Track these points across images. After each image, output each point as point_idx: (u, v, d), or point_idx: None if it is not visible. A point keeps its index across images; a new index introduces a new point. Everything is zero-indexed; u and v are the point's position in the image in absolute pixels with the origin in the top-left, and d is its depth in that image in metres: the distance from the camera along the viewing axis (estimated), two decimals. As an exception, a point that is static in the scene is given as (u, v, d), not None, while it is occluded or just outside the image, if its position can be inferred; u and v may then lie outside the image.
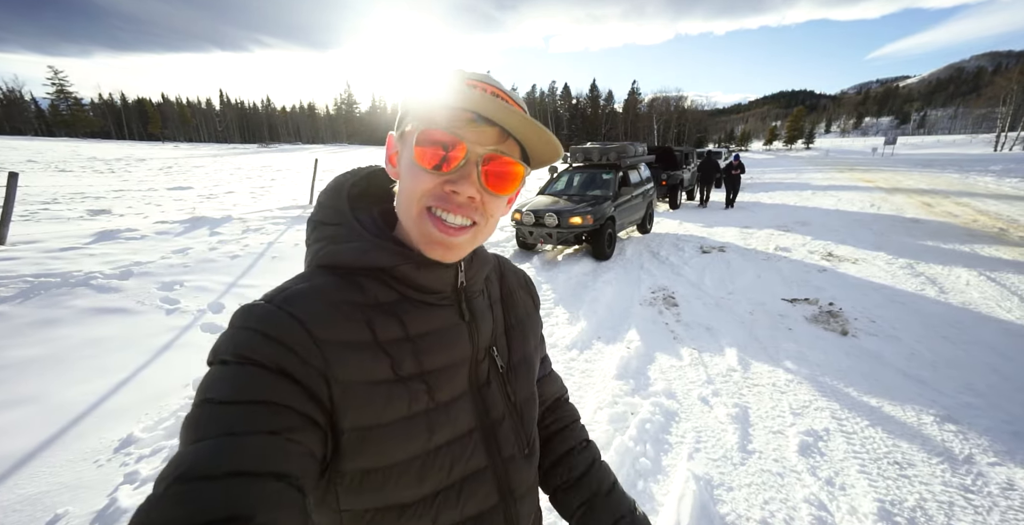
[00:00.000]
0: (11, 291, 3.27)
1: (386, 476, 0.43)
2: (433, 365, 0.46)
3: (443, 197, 0.43)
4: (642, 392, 2.53)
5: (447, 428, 0.46)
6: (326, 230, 0.49)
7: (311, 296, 0.43)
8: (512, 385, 0.54)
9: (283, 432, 0.35)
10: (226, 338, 0.40)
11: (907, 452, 1.95)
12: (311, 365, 0.39)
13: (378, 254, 0.46)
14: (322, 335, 0.41)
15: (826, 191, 12.51)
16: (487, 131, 0.43)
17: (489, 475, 0.49)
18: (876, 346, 3.00)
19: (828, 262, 5.13)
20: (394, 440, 0.42)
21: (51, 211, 7.13)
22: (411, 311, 0.47)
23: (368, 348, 0.43)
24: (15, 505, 1.67)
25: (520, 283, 0.65)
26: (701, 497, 1.71)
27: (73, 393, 2.35)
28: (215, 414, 0.35)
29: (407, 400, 0.44)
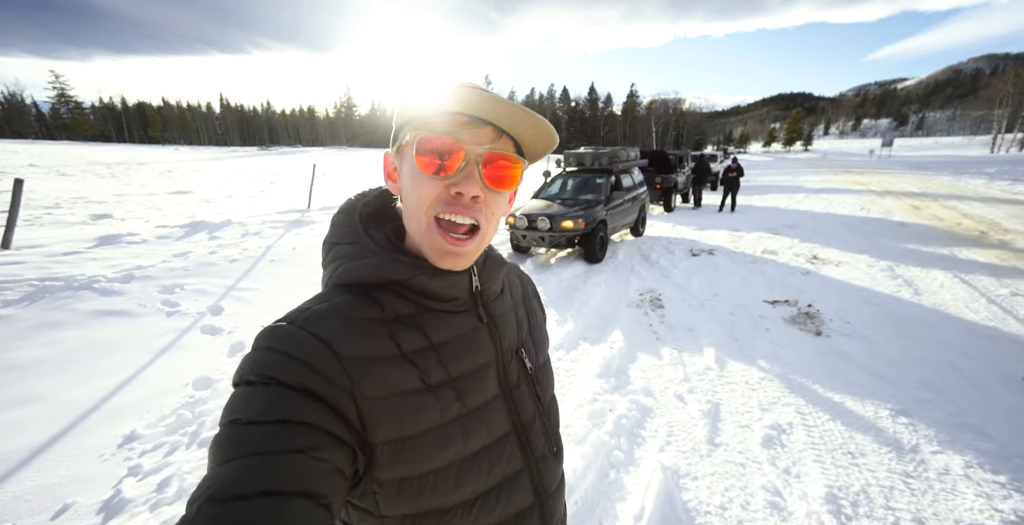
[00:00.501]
0: (16, 294, 3.38)
1: (423, 483, 0.43)
2: (459, 371, 0.47)
3: (449, 201, 0.45)
4: (621, 390, 2.65)
5: (482, 432, 0.47)
6: (341, 250, 0.50)
7: (332, 315, 0.44)
8: (540, 386, 0.56)
9: (309, 450, 0.36)
10: (250, 359, 0.41)
11: (861, 443, 2.08)
12: (336, 383, 0.40)
13: (393, 268, 0.47)
14: (345, 353, 0.41)
15: (819, 194, 12.66)
16: (482, 131, 0.45)
17: (525, 476, 0.50)
18: (847, 346, 3.13)
19: (812, 265, 5.26)
20: (429, 449, 0.43)
21: (54, 216, 7.27)
22: (431, 321, 0.48)
23: (394, 361, 0.44)
24: (26, 495, 1.79)
25: (534, 292, 0.67)
26: (667, 485, 1.83)
27: (78, 392, 2.46)
28: (242, 434, 0.36)
29: (439, 408, 0.44)
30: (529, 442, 0.51)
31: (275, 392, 0.38)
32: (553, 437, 0.56)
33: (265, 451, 0.34)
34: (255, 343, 0.43)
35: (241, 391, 0.39)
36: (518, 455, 0.50)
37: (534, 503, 0.51)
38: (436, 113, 0.45)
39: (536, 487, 0.51)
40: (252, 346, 0.43)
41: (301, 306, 0.45)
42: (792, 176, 20.43)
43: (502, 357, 0.52)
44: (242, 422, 0.36)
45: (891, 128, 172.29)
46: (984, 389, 2.52)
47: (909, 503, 1.71)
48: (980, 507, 1.69)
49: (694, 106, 73.06)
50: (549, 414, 0.57)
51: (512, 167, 0.47)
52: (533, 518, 0.51)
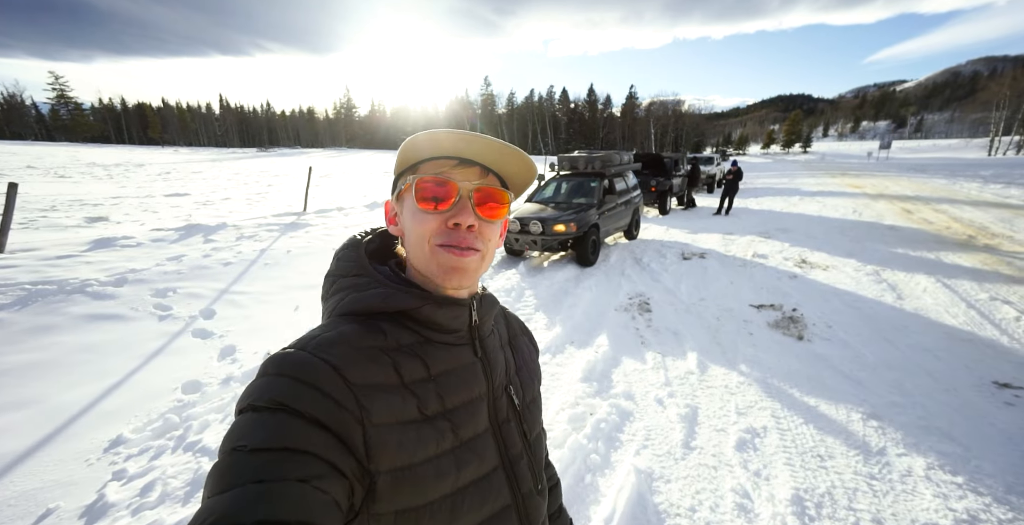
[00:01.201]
0: (9, 298, 3.42)
1: (419, 516, 0.43)
2: (454, 403, 0.49)
3: (447, 233, 0.50)
4: (603, 394, 2.70)
5: (473, 465, 0.48)
6: (347, 282, 0.52)
7: (341, 342, 0.45)
8: (527, 423, 0.58)
9: (312, 480, 0.36)
10: (260, 386, 0.41)
11: (831, 446, 2.13)
12: (346, 410, 0.41)
13: (402, 297, 0.49)
14: (355, 379, 0.43)
15: (814, 197, 12.73)
16: (470, 170, 0.52)
17: (513, 512, 0.51)
18: (826, 350, 3.18)
19: (800, 269, 5.31)
20: (426, 479, 0.44)
21: (49, 219, 7.30)
22: (431, 352, 0.50)
23: (396, 390, 0.45)
24: (10, 500, 1.82)
25: (521, 328, 0.69)
26: (639, 488, 1.88)
27: (67, 397, 2.49)
28: (245, 462, 0.36)
29: (435, 439, 0.46)
30: (516, 478, 0.53)
31: (282, 419, 0.38)
32: (538, 474, 0.58)
33: (267, 478, 0.34)
34: (264, 369, 0.43)
35: (247, 418, 0.39)
36: (506, 490, 0.51)
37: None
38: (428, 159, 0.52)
39: (523, 523, 0.53)
40: (260, 372, 0.43)
41: (309, 333, 0.47)
42: (789, 178, 20.51)
43: (493, 392, 0.54)
44: (246, 449, 0.36)
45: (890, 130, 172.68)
46: (954, 393, 2.57)
47: (870, 504, 1.76)
48: (936, 507, 1.74)
49: (693, 108, 73.32)
50: (535, 451, 0.58)
51: (500, 198, 0.53)
52: None
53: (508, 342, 0.63)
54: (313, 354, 0.43)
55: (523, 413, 0.58)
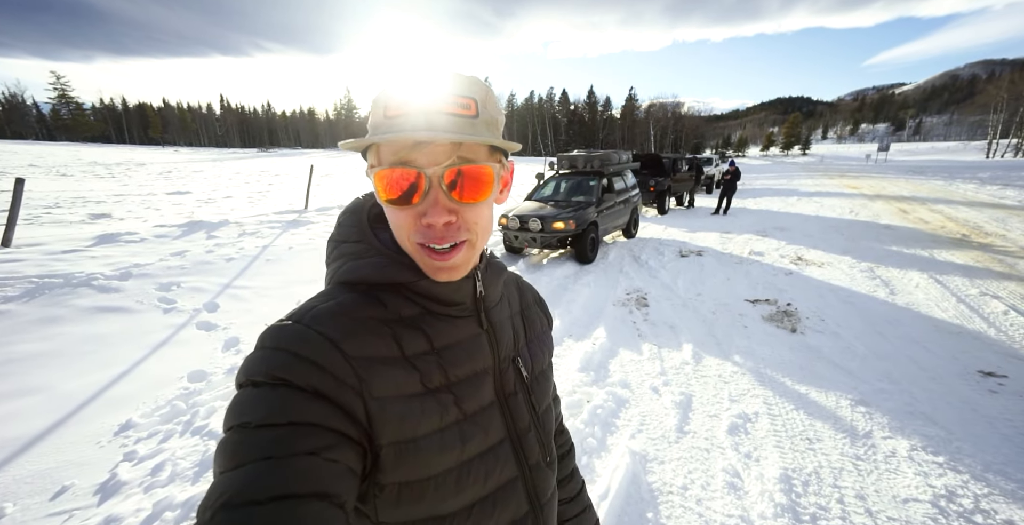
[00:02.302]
0: (17, 291, 3.48)
1: (424, 488, 0.43)
2: (458, 376, 0.47)
3: (423, 232, 0.43)
4: (600, 383, 2.77)
5: (479, 438, 0.47)
6: (346, 248, 0.50)
7: (339, 313, 0.43)
8: (535, 395, 0.55)
9: (322, 451, 0.36)
10: (257, 359, 0.40)
11: (819, 430, 2.20)
12: (345, 383, 0.40)
13: (397, 270, 0.46)
14: (353, 352, 0.41)
15: (811, 197, 12.82)
16: (435, 149, 0.41)
17: (520, 484, 0.50)
18: (818, 342, 3.26)
19: (796, 266, 5.39)
20: (429, 453, 0.43)
21: (53, 215, 7.36)
22: (434, 324, 0.47)
23: (397, 362, 0.43)
24: (27, 478, 1.88)
25: (536, 299, 0.66)
26: (634, 469, 1.94)
27: (76, 384, 2.56)
28: (252, 438, 0.35)
29: (439, 412, 0.44)
30: (524, 450, 0.51)
31: (284, 394, 0.37)
32: (547, 446, 0.56)
33: (276, 454, 0.34)
34: (260, 342, 0.42)
35: (248, 393, 0.38)
36: (512, 463, 0.50)
37: (528, 512, 0.51)
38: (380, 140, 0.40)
39: (531, 496, 0.51)
40: (257, 345, 0.42)
41: (306, 304, 0.45)
42: (787, 180, 20.63)
43: (499, 364, 0.52)
44: (251, 426, 0.36)
45: (888, 133, 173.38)
46: (940, 381, 2.64)
47: (855, 482, 1.83)
48: (917, 484, 1.82)
49: (693, 110, 73.63)
50: (544, 423, 0.56)
51: (481, 175, 0.43)
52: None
53: (520, 312, 0.60)
54: (309, 327, 0.41)
55: (531, 385, 0.55)
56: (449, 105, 0.41)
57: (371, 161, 0.45)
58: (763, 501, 1.75)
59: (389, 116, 0.42)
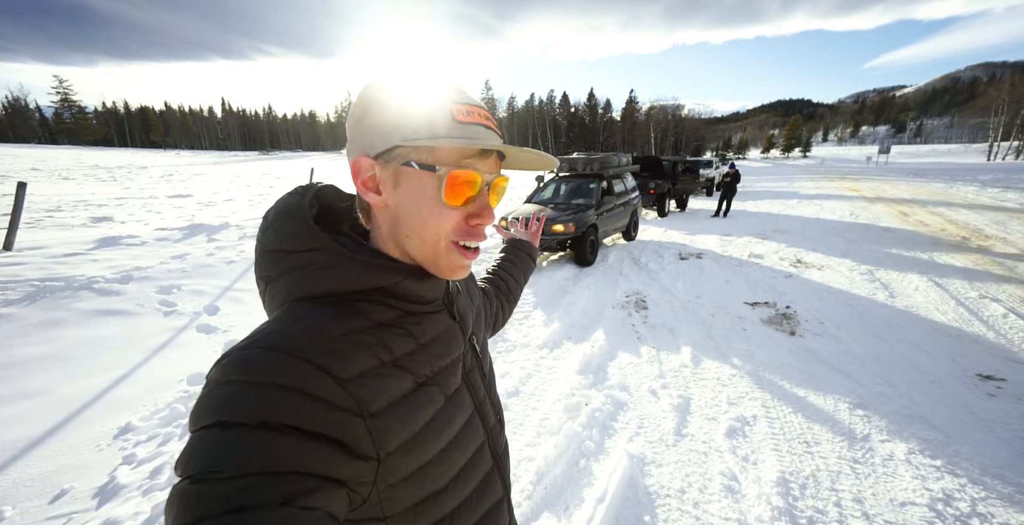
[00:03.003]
0: (18, 294, 3.49)
1: (424, 473, 0.44)
2: (440, 366, 0.49)
3: (468, 230, 0.47)
4: (599, 385, 2.77)
5: (460, 414, 0.50)
6: (299, 259, 0.45)
7: (316, 334, 0.39)
8: (485, 365, 0.60)
9: (298, 499, 0.32)
10: (228, 396, 0.35)
11: (817, 433, 2.20)
12: (340, 409, 0.37)
13: (377, 274, 0.45)
14: (344, 374, 0.38)
15: (812, 200, 12.83)
16: (492, 159, 0.47)
17: (486, 445, 0.55)
18: (817, 345, 3.26)
19: (796, 268, 5.39)
20: (428, 441, 0.45)
21: (55, 218, 7.39)
22: (415, 323, 0.48)
23: (389, 370, 0.43)
24: (26, 481, 1.89)
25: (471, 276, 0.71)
26: (631, 471, 1.95)
27: (76, 387, 2.56)
28: (219, 490, 0.31)
29: (430, 403, 0.46)
30: (483, 416, 0.56)
31: (262, 438, 0.33)
32: (497, 406, 0.61)
33: (245, 507, 0.30)
34: (225, 375, 0.36)
35: (212, 436, 0.33)
36: (480, 429, 0.54)
37: (493, 466, 0.56)
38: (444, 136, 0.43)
39: (493, 452, 0.57)
40: (220, 378, 0.36)
41: (272, 327, 0.40)
42: (788, 182, 20.65)
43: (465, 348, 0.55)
44: (220, 476, 0.31)
45: (889, 135, 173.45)
46: (939, 384, 2.64)
47: (852, 485, 1.84)
48: (914, 487, 1.82)
49: (693, 112, 73.84)
50: (492, 387, 0.62)
51: (505, 186, 0.51)
52: (495, 478, 0.56)
53: (466, 289, 0.64)
54: (289, 354, 0.37)
55: (482, 358, 0.60)
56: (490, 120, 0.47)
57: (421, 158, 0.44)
58: (760, 504, 1.75)
59: (461, 121, 0.44)
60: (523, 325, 3.79)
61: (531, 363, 3.09)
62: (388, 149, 0.44)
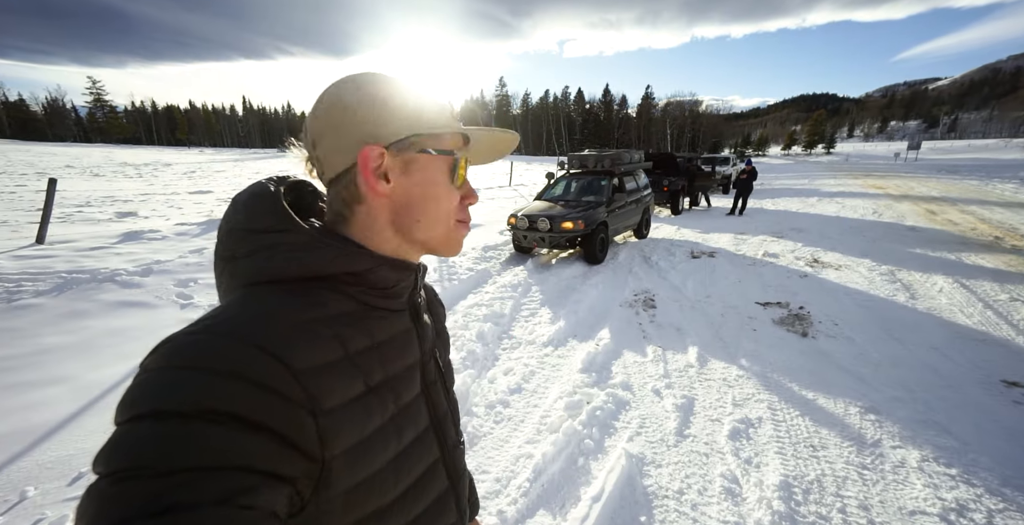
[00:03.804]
0: (47, 285, 3.67)
1: (369, 487, 0.42)
2: (394, 371, 0.47)
3: (463, 209, 0.53)
4: (601, 384, 2.75)
5: (411, 428, 0.48)
6: (270, 239, 0.42)
7: (273, 319, 0.37)
8: (448, 382, 0.60)
9: (236, 497, 0.29)
10: (164, 384, 0.32)
11: (824, 437, 2.13)
12: (292, 402, 0.34)
13: (351, 259, 0.44)
14: (299, 364, 0.36)
15: (833, 198, 12.41)
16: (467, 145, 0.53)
17: (440, 464, 0.54)
18: (830, 347, 3.15)
19: (812, 268, 5.23)
20: (374, 450, 0.42)
21: (84, 213, 7.72)
22: (372, 320, 0.47)
23: (342, 365, 0.41)
24: (48, 463, 1.98)
25: (434, 294, 0.69)
26: (630, 471, 1.93)
27: (98, 375, 2.68)
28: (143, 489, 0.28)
29: (380, 409, 0.44)
30: (443, 433, 0.55)
31: (202, 430, 0.30)
32: (457, 428, 0.61)
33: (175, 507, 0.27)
34: (164, 359, 0.33)
35: (142, 428, 0.30)
36: (435, 446, 0.53)
37: (448, 488, 0.55)
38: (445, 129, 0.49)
39: (450, 473, 0.55)
40: (158, 364, 0.33)
41: (224, 311, 0.37)
42: (809, 179, 20.01)
43: (423, 357, 0.54)
44: (146, 473, 0.28)
45: (920, 130, 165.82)
46: (958, 390, 2.53)
47: (859, 491, 1.77)
48: (925, 496, 1.75)
49: (711, 108, 72.12)
50: (454, 407, 0.61)
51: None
52: (449, 501, 0.55)
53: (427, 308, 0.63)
54: (239, 340, 0.34)
55: (446, 373, 0.60)
56: None
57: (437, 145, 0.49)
58: (761, 508, 1.71)
59: (456, 116, 0.52)
60: (529, 322, 3.79)
61: (535, 360, 3.08)
62: (403, 138, 0.46)
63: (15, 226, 5.97)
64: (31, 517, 1.64)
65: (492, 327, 3.54)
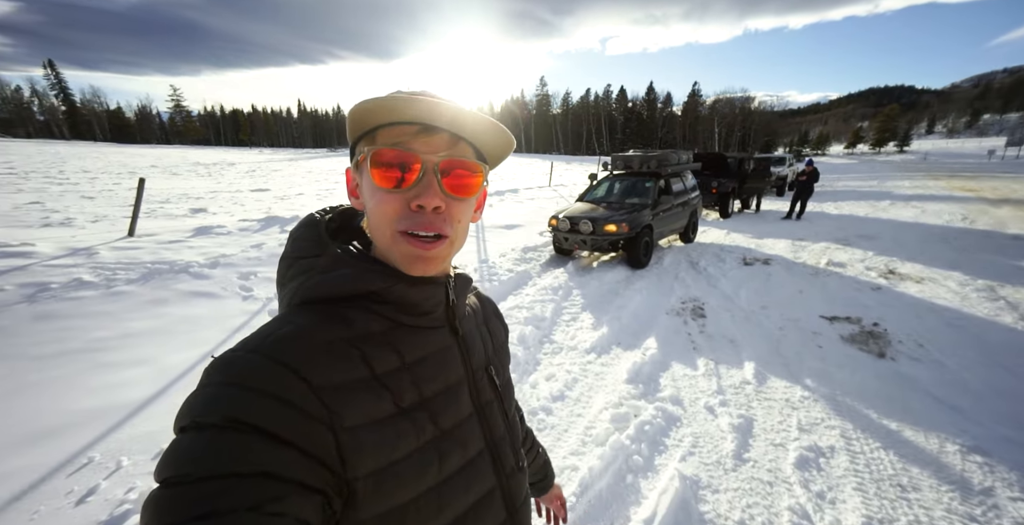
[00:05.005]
0: (136, 274, 4.08)
1: (404, 513, 0.41)
2: (432, 391, 0.45)
3: (411, 217, 0.44)
4: (649, 397, 2.62)
5: (457, 453, 0.46)
6: (305, 263, 0.46)
7: (299, 338, 0.40)
8: (506, 403, 0.56)
9: (265, 504, 0.32)
10: (204, 398, 0.35)
11: (916, 477, 1.88)
12: (312, 417, 0.36)
13: (369, 277, 0.44)
14: (319, 381, 0.38)
15: (909, 201, 11.18)
16: (435, 138, 0.44)
17: (497, 493, 0.50)
18: (914, 371, 2.80)
19: (886, 280, 4.71)
20: (408, 476, 0.41)
21: (164, 209, 8.55)
22: (404, 338, 0.46)
23: (367, 385, 0.41)
24: (137, 437, 2.17)
25: (494, 311, 0.66)
26: (684, 494, 1.81)
27: (175, 359, 2.93)
28: (187, 495, 0.31)
29: (414, 432, 0.42)
30: (500, 459, 0.51)
31: (232, 439, 0.33)
32: (518, 452, 0.56)
33: (212, 512, 0.30)
34: (208, 377, 0.37)
35: (189, 439, 0.34)
36: (491, 473, 0.49)
37: (506, 519, 0.51)
38: (384, 125, 0.44)
39: (507, 503, 0.51)
40: (203, 380, 0.37)
41: (262, 331, 0.41)
42: (878, 181, 18.21)
43: (473, 374, 0.51)
44: (189, 480, 0.31)
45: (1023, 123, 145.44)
46: (1087, 432, 2.14)
47: (965, 548, 1.53)
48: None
49: (764, 104, 67.55)
50: (514, 430, 0.57)
51: (472, 173, 0.46)
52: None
53: (484, 322, 0.60)
54: (267, 357, 0.37)
55: (504, 393, 0.56)
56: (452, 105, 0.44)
57: (362, 149, 0.46)
58: (838, 551, 1.53)
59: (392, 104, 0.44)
60: (570, 327, 3.70)
61: (578, 367, 3.00)
62: (354, 149, 0.48)
63: (112, 220, 6.72)
64: (125, 485, 1.81)
65: (533, 330, 3.50)
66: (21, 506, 1.66)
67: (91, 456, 1.96)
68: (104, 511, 1.67)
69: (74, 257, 4.30)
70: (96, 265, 4.15)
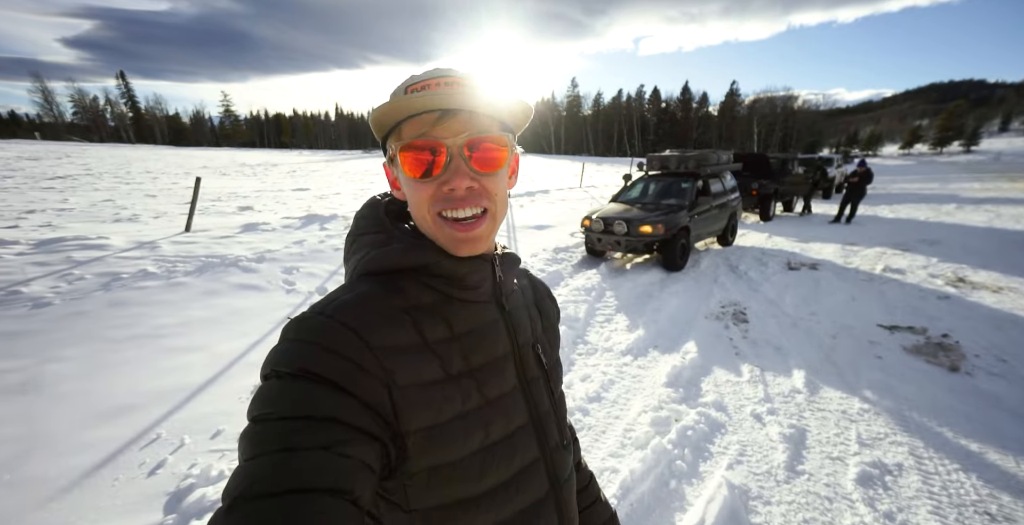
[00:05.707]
0: (192, 266, 4.36)
1: (451, 473, 0.44)
2: (479, 361, 0.48)
3: (445, 198, 0.46)
4: (690, 401, 2.52)
5: (501, 423, 0.48)
6: (366, 239, 0.52)
7: (360, 304, 0.44)
8: (553, 381, 0.58)
9: (334, 446, 0.36)
10: (280, 351, 0.41)
11: (1007, 506, 1.69)
12: (370, 373, 0.40)
13: (421, 252, 0.48)
14: (376, 342, 0.42)
15: (979, 205, 10.23)
16: (455, 121, 0.45)
17: (541, 465, 0.52)
18: (996, 387, 2.54)
19: (955, 288, 4.32)
20: (454, 438, 0.44)
21: (216, 207, 9.13)
22: (453, 310, 0.49)
23: (419, 350, 0.44)
24: (197, 417, 2.29)
25: (547, 293, 0.68)
26: (732, 504, 1.72)
27: (226, 347, 3.09)
28: (269, 430, 0.36)
29: (461, 398, 0.45)
30: (545, 433, 0.53)
31: (303, 386, 0.38)
32: (563, 430, 0.58)
33: (292, 447, 0.35)
34: (285, 334, 0.42)
35: (271, 385, 0.39)
36: (534, 445, 0.51)
37: (549, 492, 0.52)
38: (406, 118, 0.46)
39: (551, 476, 0.53)
40: (282, 336, 0.43)
41: (329, 296, 0.46)
42: (940, 183, 16.79)
43: (519, 350, 0.53)
44: (272, 417, 0.37)
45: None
46: None
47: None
48: None
49: (809, 103, 63.92)
50: (560, 408, 0.59)
51: (496, 147, 0.47)
52: (549, 506, 0.52)
53: (535, 303, 0.63)
54: (331, 317, 0.42)
55: (550, 371, 0.57)
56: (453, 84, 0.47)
57: (390, 145, 0.49)
58: (912, 577, 1.40)
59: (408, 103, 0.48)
60: (604, 328, 3.63)
61: (613, 369, 2.93)
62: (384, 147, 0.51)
63: (171, 217, 7.24)
64: (187, 461, 1.93)
65: (567, 330, 3.45)
66: (104, 473, 1.81)
67: (159, 433, 2.10)
68: (172, 484, 1.78)
69: (140, 250, 4.65)
70: (159, 258, 4.47)
